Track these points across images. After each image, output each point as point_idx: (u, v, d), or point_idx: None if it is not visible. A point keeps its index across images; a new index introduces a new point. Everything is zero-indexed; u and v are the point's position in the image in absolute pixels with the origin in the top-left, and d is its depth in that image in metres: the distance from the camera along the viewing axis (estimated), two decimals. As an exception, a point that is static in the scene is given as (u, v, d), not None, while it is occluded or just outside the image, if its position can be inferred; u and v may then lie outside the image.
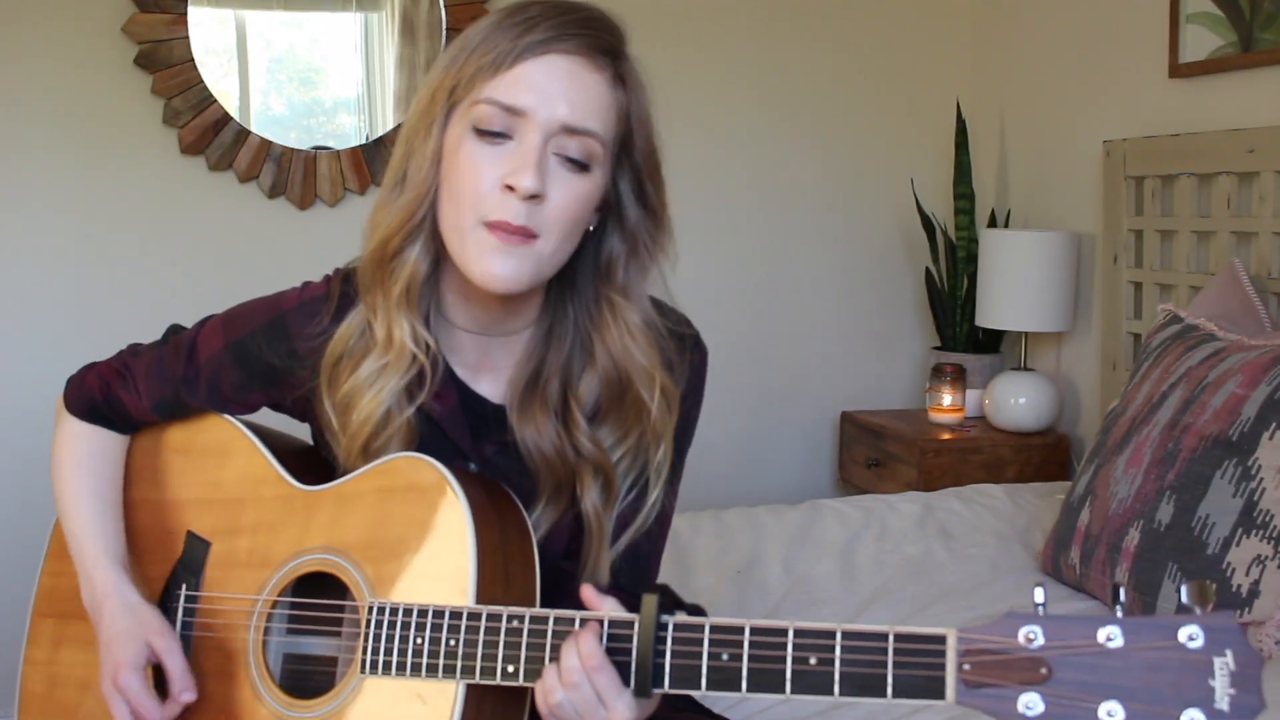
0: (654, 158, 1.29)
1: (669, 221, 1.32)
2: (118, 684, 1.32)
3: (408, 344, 1.28)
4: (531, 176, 1.17)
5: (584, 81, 1.20)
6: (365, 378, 1.28)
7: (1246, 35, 2.59)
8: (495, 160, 1.19)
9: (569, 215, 1.21)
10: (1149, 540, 1.96)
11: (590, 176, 1.22)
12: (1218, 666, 0.87)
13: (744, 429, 3.49)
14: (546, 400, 1.31)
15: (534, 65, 1.19)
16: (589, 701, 1.08)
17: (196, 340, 1.40)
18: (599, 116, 1.21)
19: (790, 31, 3.44)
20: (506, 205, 1.18)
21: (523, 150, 1.19)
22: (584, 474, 1.31)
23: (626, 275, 1.30)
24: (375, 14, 3.17)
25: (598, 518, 1.31)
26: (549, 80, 1.19)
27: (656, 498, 1.33)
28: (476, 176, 1.20)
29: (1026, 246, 3.02)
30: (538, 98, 1.18)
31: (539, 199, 1.19)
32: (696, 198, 3.37)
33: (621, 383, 1.30)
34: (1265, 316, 2.30)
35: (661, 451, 1.32)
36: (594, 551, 1.32)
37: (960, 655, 0.95)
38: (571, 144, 1.20)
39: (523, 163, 1.18)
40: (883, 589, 2.24)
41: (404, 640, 1.19)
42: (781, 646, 1.03)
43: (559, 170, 1.20)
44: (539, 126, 1.18)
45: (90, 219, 3.01)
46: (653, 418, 1.29)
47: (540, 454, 1.30)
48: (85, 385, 1.46)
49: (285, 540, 1.33)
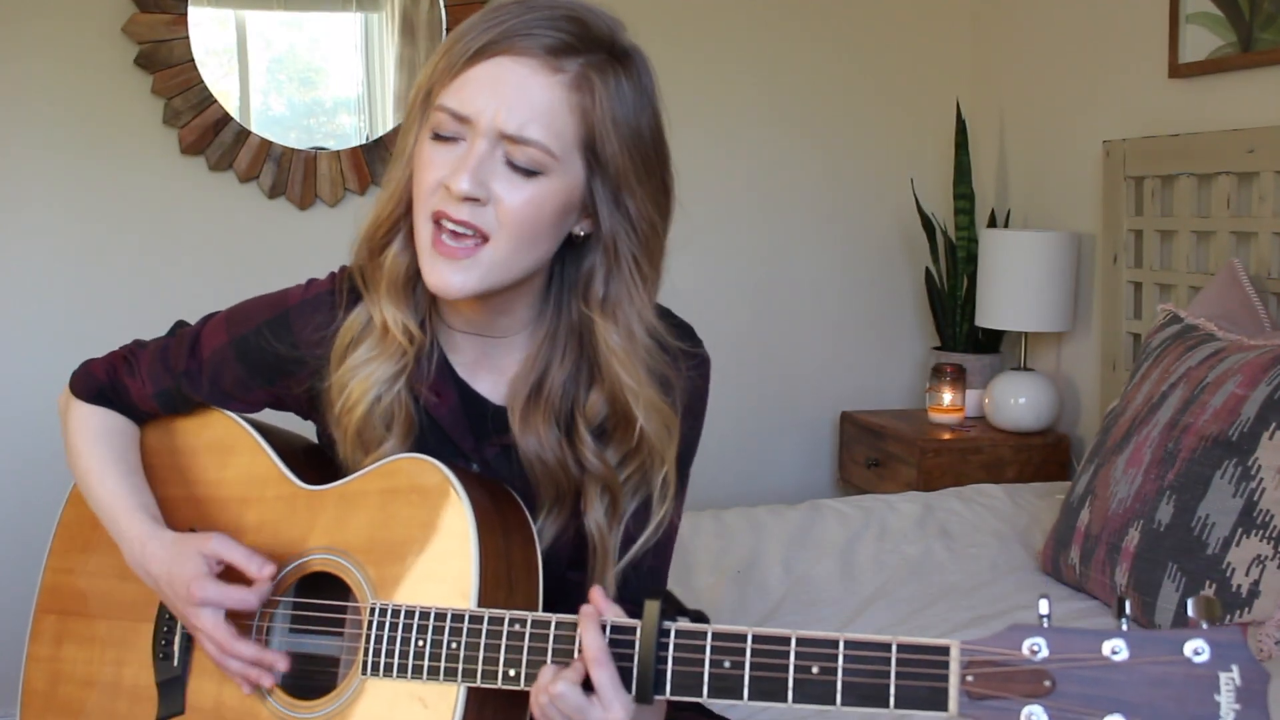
0: (633, 165, 1.22)
1: (660, 238, 1.26)
2: (195, 600, 1.27)
3: (395, 332, 1.28)
4: (465, 179, 1.16)
5: (531, 86, 1.17)
6: (357, 364, 1.29)
7: (1246, 35, 2.59)
8: (444, 162, 1.19)
9: (522, 217, 1.19)
10: (1149, 540, 1.96)
11: (543, 180, 1.19)
12: (1223, 682, 0.86)
13: (744, 429, 3.49)
14: (549, 411, 1.30)
15: (483, 69, 1.17)
16: (579, 706, 1.08)
17: (200, 335, 1.41)
18: (543, 123, 1.17)
19: (790, 32, 3.44)
20: (447, 201, 1.18)
21: (464, 154, 1.18)
22: (589, 489, 1.30)
23: (606, 289, 1.25)
24: (375, 14, 3.16)
25: (601, 535, 1.30)
26: (494, 85, 1.17)
27: (663, 516, 1.32)
28: (425, 176, 1.20)
29: (1026, 246, 3.02)
30: (480, 103, 1.17)
31: (479, 201, 1.18)
32: (696, 198, 3.34)
33: (622, 400, 1.27)
34: (1265, 316, 2.30)
35: (664, 472, 1.30)
36: (599, 568, 1.31)
37: (963, 667, 0.95)
38: (516, 151, 1.17)
39: (460, 165, 1.17)
40: (883, 589, 2.24)
41: (405, 642, 1.19)
42: (784, 655, 1.03)
43: (506, 174, 1.18)
44: (481, 133, 1.17)
45: (90, 219, 3.01)
46: (647, 436, 1.27)
47: (541, 464, 1.30)
48: (91, 371, 1.46)
49: (288, 540, 1.33)
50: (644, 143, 1.23)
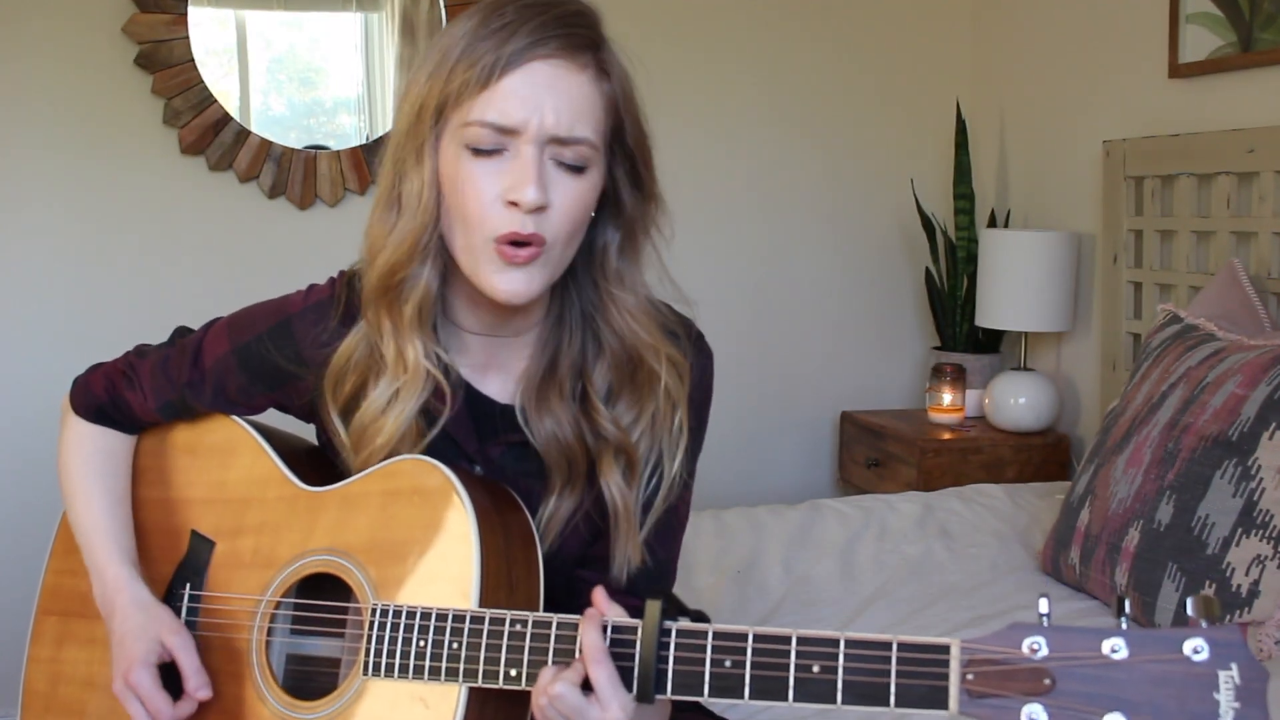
0: (645, 140, 1.28)
1: (661, 197, 1.32)
2: (129, 681, 1.31)
3: (423, 364, 1.27)
4: (533, 189, 1.17)
5: (569, 85, 1.19)
6: (381, 404, 1.28)
7: (1246, 35, 2.59)
8: (495, 176, 1.19)
9: (573, 217, 1.22)
10: (1149, 540, 1.97)
11: (588, 175, 1.22)
12: (1223, 680, 0.87)
13: (744, 429, 3.49)
14: (563, 390, 1.31)
15: (517, 77, 1.17)
16: (577, 706, 1.08)
17: (202, 344, 1.41)
18: (588, 119, 1.20)
19: (790, 32, 3.44)
20: (513, 218, 1.18)
21: (520, 164, 1.18)
22: (605, 457, 1.30)
23: (621, 260, 1.30)
24: (375, 14, 3.17)
25: (623, 498, 1.30)
26: (534, 91, 1.17)
27: (677, 469, 1.33)
28: (479, 195, 1.19)
29: (1026, 246, 3.03)
30: (525, 112, 1.17)
31: (543, 209, 1.19)
32: (697, 198, 3.37)
33: (631, 360, 1.30)
34: (1265, 316, 2.30)
35: (678, 420, 1.32)
36: (622, 535, 1.31)
37: (963, 665, 0.95)
38: (566, 151, 1.19)
39: (522, 176, 1.17)
40: (883, 589, 2.24)
41: (407, 643, 1.19)
42: (784, 654, 1.03)
43: (558, 175, 1.20)
44: (531, 139, 1.18)
45: (90, 219, 3.01)
46: (664, 384, 1.30)
47: (558, 444, 1.30)
48: (91, 387, 1.46)
49: (289, 541, 1.33)
50: (644, 116, 1.28)
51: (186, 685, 1.32)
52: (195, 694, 1.31)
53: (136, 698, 1.31)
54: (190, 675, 1.32)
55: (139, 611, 1.35)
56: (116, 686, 1.33)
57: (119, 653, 1.34)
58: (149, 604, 1.36)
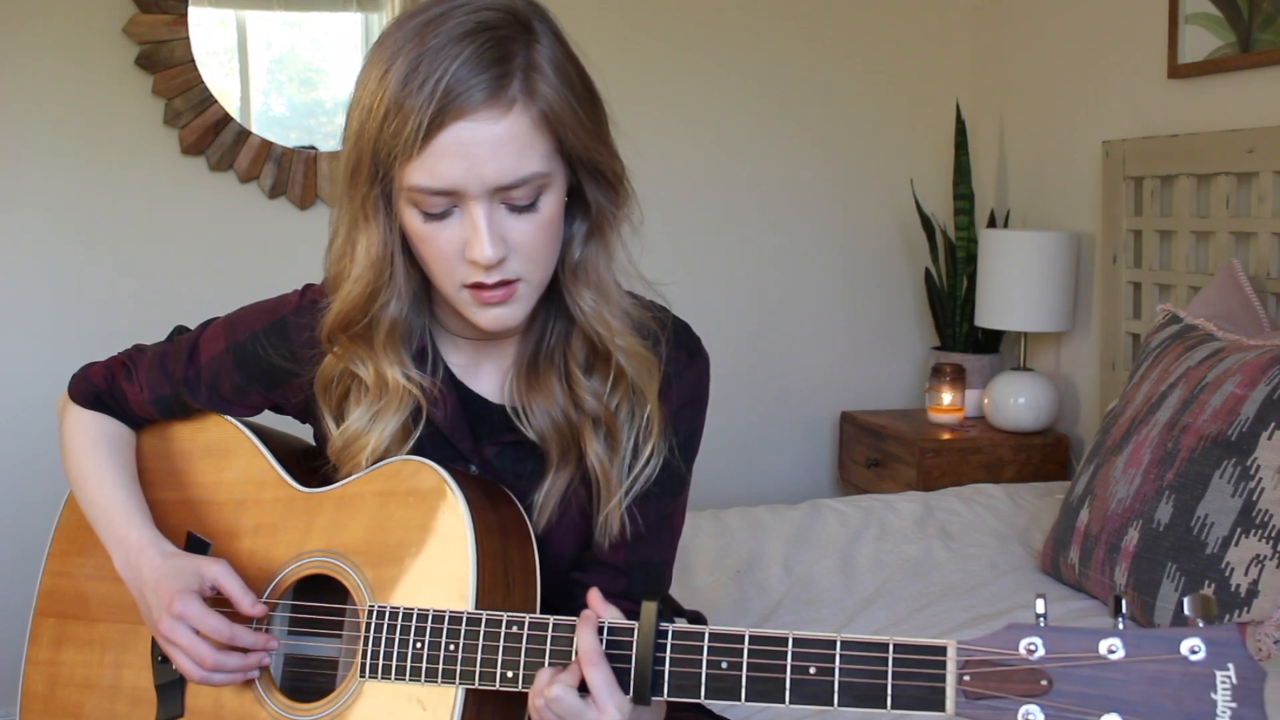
0: (593, 127, 1.20)
1: (627, 182, 1.26)
2: (175, 611, 1.26)
3: (401, 383, 1.28)
4: (487, 248, 1.15)
5: (500, 133, 1.12)
6: (362, 425, 1.29)
7: (1245, 36, 2.59)
8: (450, 232, 1.17)
9: (540, 248, 1.20)
10: (1148, 540, 1.97)
11: (546, 199, 1.18)
12: (1219, 680, 0.87)
13: (744, 429, 3.49)
14: (549, 371, 1.30)
15: (444, 138, 1.12)
16: (574, 708, 1.08)
17: (199, 342, 1.41)
18: (529, 155, 1.14)
19: (790, 31, 3.44)
20: (477, 271, 1.17)
21: (469, 223, 1.16)
22: (585, 429, 1.30)
23: (587, 248, 1.26)
24: (375, 14, 3.16)
25: (604, 468, 1.29)
26: (466, 149, 1.12)
27: (652, 449, 1.30)
28: (439, 253, 1.18)
29: (1026, 247, 3.03)
30: (460, 174, 1.13)
31: (504, 259, 1.17)
32: (697, 198, 3.37)
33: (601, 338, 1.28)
34: (1264, 316, 2.30)
35: (648, 412, 1.30)
36: (604, 502, 1.30)
37: (960, 666, 0.96)
38: (515, 194, 1.15)
39: (474, 236, 1.15)
40: (882, 589, 2.24)
41: (403, 644, 1.20)
42: (781, 656, 1.03)
43: (512, 220, 1.17)
44: (475, 197, 1.14)
45: (91, 220, 3.01)
46: (628, 375, 1.27)
47: (552, 425, 1.30)
48: (90, 376, 1.47)
49: (285, 542, 1.33)
50: (585, 97, 1.20)
51: (239, 607, 1.27)
52: (252, 610, 1.27)
53: (185, 627, 1.26)
54: (240, 597, 1.27)
55: (168, 558, 1.31)
56: (163, 626, 1.27)
57: (153, 598, 1.29)
58: (177, 552, 1.33)
